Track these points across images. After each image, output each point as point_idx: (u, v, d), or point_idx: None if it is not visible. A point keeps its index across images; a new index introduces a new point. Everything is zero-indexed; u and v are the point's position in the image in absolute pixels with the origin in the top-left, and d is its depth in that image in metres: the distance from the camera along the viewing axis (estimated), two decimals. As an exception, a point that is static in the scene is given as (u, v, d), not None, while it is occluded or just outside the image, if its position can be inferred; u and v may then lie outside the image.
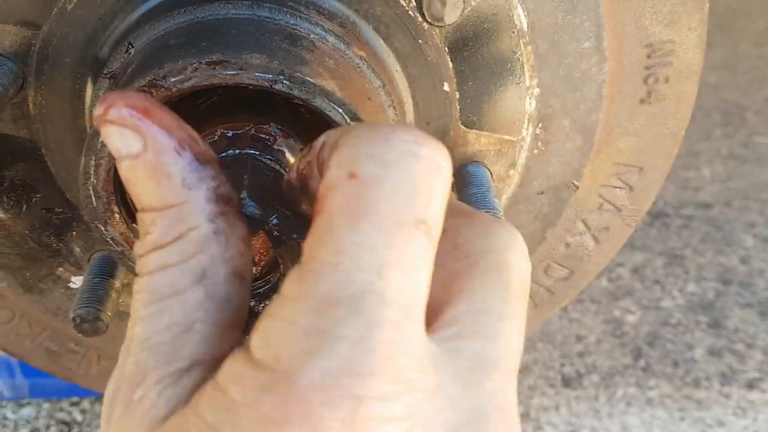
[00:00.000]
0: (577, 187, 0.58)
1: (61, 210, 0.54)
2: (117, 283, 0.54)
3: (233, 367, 0.26)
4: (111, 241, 0.45)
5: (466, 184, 0.54)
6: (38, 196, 0.54)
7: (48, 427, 1.56)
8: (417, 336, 0.26)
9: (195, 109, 0.49)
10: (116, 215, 0.44)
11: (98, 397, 1.59)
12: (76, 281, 0.59)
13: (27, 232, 0.55)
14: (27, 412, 1.57)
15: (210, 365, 0.28)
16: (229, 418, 0.24)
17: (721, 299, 1.83)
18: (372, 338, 0.24)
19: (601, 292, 1.84)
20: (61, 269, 0.58)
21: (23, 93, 0.49)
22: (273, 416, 0.23)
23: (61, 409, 1.58)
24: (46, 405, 1.58)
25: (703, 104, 2.55)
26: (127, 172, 0.30)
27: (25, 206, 0.54)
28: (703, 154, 2.35)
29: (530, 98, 0.52)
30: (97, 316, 0.51)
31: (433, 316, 0.29)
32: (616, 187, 0.59)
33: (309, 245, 0.26)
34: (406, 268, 0.26)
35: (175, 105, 0.46)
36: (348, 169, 0.26)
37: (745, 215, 2.10)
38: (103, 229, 0.44)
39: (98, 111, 0.29)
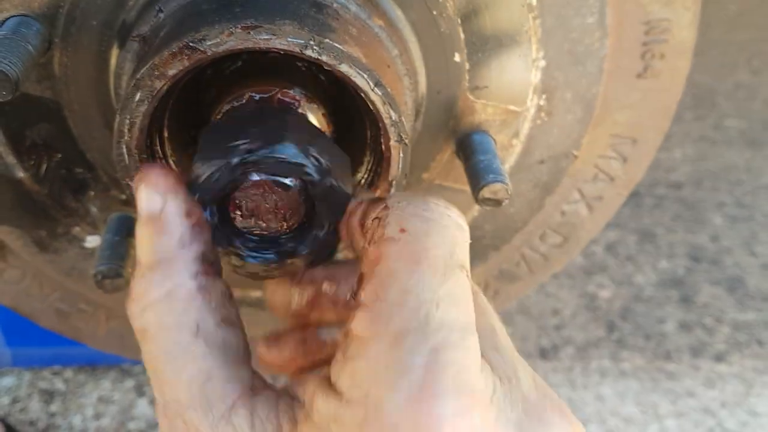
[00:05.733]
0: (576, 157, 0.60)
1: (80, 170, 0.56)
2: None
3: (328, 407, 0.30)
4: (140, 199, 0.46)
5: (473, 152, 0.57)
6: (58, 156, 0.55)
7: (30, 395, 1.56)
8: (475, 352, 0.30)
9: (220, 74, 0.50)
10: (146, 173, 0.45)
11: (81, 367, 1.60)
12: (92, 241, 0.60)
13: (45, 191, 0.57)
14: (8, 381, 1.57)
15: (246, 398, 0.32)
16: None
17: (691, 275, 1.89)
18: (441, 360, 0.28)
19: (576, 268, 1.89)
20: (77, 229, 0.59)
21: (50, 54, 0.50)
22: None
23: (44, 378, 1.58)
24: (27, 374, 1.58)
25: (675, 87, 2.60)
26: (140, 228, 0.35)
27: (45, 166, 0.55)
28: (675, 136, 2.41)
29: (536, 70, 0.55)
30: (119, 273, 0.53)
31: None
32: (611, 158, 0.62)
33: (372, 290, 0.31)
34: (457, 301, 0.31)
35: (203, 70, 0.48)
36: (399, 226, 0.32)
37: (715, 195, 2.17)
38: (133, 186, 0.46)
39: (138, 175, 0.36)
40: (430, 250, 0.31)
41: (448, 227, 0.32)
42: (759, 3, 3.11)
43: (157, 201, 0.35)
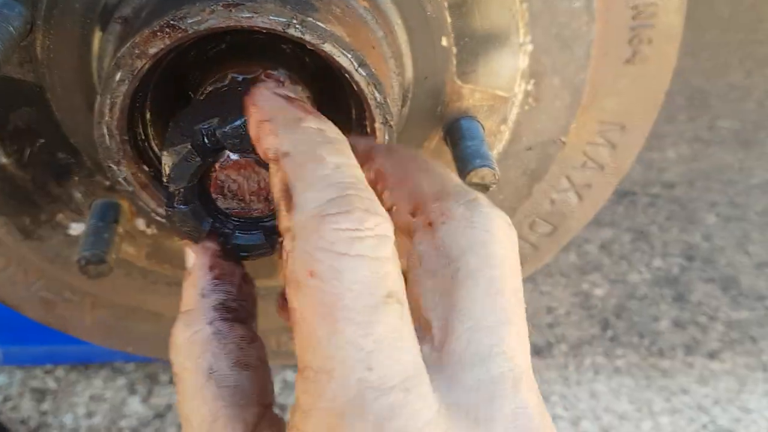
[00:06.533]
0: (564, 144, 0.60)
1: (63, 156, 0.55)
2: (120, 229, 0.55)
3: None
4: (122, 182, 0.46)
5: (461, 137, 0.56)
6: (41, 141, 0.55)
7: (21, 394, 1.55)
8: (425, 404, 0.27)
9: (204, 55, 0.50)
10: (129, 155, 0.45)
11: (73, 365, 1.59)
12: (76, 228, 0.59)
13: (29, 177, 0.56)
14: None
15: None
16: None
17: (685, 274, 1.89)
18: None
19: (570, 266, 1.89)
20: (61, 215, 0.59)
21: (31, 37, 0.50)
22: None
23: (35, 377, 1.57)
24: (19, 372, 1.57)
25: (668, 89, 2.61)
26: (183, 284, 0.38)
27: (28, 151, 0.55)
28: (669, 136, 2.41)
29: (523, 55, 0.55)
30: (102, 259, 0.52)
31: (432, 336, 0.31)
32: (599, 145, 0.62)
33: (299, 351, 0.28)
34: (392, 347, 0.27)
35: (186, 50, 0.48)
36: (305, 267, 0.28)
37: (708, 195, 2.17)
38: (115, 168, 0.45)
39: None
40: (343, 296, 0.27)
41: (362, 256, 0.28)
42: (751, 5, 3.12)
43: (190, 258, 0.39)
